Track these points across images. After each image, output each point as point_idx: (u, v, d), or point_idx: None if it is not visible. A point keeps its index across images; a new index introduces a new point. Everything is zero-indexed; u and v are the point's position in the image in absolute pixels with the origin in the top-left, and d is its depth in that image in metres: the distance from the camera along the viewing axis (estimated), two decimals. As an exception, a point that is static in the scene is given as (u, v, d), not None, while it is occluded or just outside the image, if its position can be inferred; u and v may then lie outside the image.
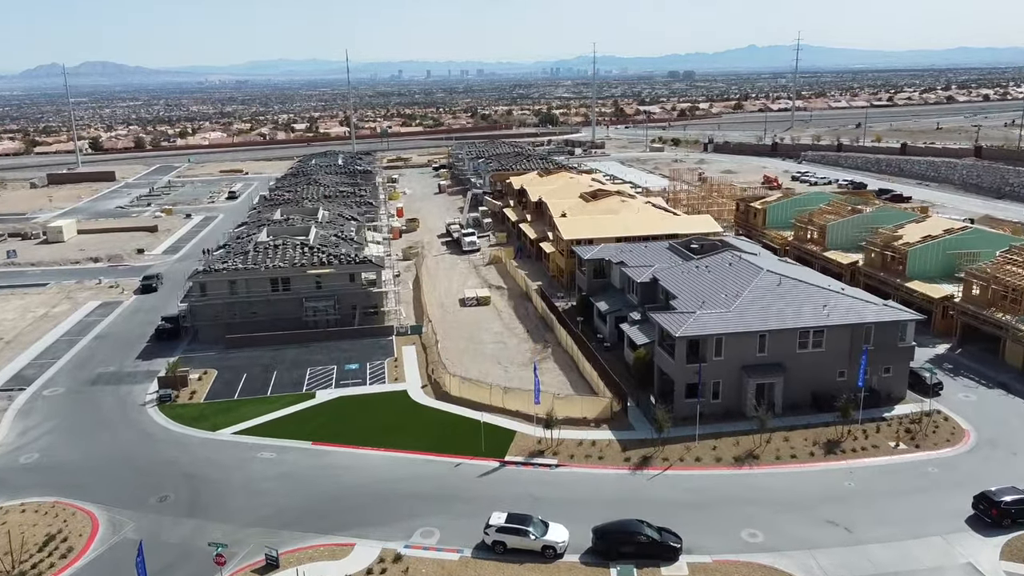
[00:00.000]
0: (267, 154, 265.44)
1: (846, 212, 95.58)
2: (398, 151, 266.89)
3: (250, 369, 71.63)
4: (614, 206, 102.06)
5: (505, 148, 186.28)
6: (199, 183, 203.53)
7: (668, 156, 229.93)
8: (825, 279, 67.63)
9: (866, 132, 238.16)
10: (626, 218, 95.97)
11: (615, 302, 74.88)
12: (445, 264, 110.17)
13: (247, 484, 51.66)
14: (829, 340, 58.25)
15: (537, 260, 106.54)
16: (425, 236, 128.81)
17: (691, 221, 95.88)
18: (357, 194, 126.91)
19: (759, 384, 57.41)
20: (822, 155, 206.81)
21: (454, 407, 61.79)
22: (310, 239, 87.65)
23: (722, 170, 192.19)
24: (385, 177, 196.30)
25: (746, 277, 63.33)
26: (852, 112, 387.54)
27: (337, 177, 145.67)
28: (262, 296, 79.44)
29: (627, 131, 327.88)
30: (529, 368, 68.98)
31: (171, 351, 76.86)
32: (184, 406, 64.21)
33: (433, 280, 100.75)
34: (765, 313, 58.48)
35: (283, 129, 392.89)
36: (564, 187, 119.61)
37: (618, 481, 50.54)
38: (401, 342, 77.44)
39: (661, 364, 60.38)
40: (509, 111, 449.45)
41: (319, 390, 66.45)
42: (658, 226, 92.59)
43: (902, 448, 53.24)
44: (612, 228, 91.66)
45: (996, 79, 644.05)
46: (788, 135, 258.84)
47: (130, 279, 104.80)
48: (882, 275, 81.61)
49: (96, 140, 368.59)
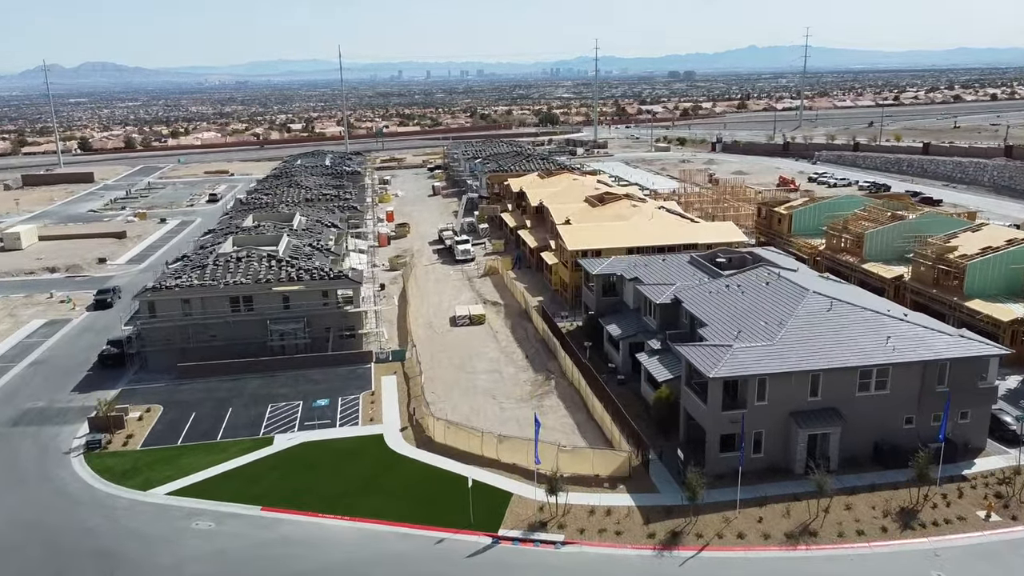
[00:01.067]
0: (258, 155, 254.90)
1: (885, 219, 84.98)
2: (393, 151, 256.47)
3: (201, 405, 61.05)
4: (623, 212, 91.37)
5: (504, 148, 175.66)
6: (181, 185, 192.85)
7: (675, 156, 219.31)
8: (881, 302, 56.91)
9: (882, 131, 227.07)
10: (638, 225, 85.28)
11: (629, 325, 64.28)
12: (436, 275, 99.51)
13: (175, 567, 41.09)
14: (895, 380, 47.67)
15: (538, 271, 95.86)
16: (416, 243, 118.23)
17: (712, 229, 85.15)
18: (341, 197, 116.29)
19: (811, 435, 46.87)
20: (838, 155, 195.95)
21: (438, 458, 51.19)
22: (280, 250, 77.05)
23: (733, 171, 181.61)
24: (377, 178, 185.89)
25: (789, 300, 52.74)
26: (859, 111, 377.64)
27: (322, 179, 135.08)
28: (220, 317, 68.75)
29: (629, 130, 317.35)
30: (529, 405, 58.44)
31: (114, 381, 66.31)
32: (116, 455, 53.62)
33: (422, 293, 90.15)
34: (816, 347, 47.91)
35: (279, 129, 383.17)
36: (567, 190, 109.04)
37: (641, 566, 39.93)
38: (381, 371, 66.84)
39: (689, 407, 49.82)
40: (509, 111, 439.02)
41: (279, 433, 55.90)
42: (675, 235, 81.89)
43: (995, 520, 42.64)
44: (622, 237, 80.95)
45: (998, 79, 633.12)
46: (799, 135, 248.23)
47: (87, 292, 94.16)
48: (934, 292, 70.99)
49: (85, 140, 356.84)
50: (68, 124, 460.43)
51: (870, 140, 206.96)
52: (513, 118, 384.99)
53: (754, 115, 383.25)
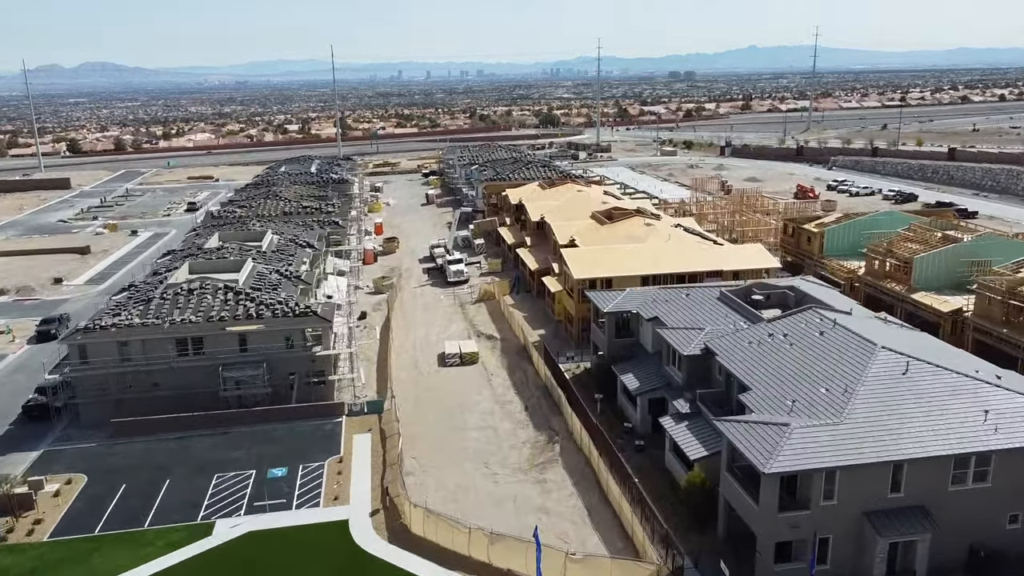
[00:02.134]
0: (249, 157, 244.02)
1: (936, 241, 74.52)
2: (388, 155, 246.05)
3: (135, 475, 50.60)
4: (636, 231, 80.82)
5: (502, 153, 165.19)
6: (161, 191, 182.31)
7: (682, 161, 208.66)
8: (966, 358, 46.24)
9: (900, 134, 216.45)
10: (654, 248, 74.70)
11: (648, 376, 53.83)
12: (425, 299, 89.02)
13: None
14: (999, 469, 37.27)
15: (539, 297, 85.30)
16: (405, 260, 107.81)
17: (739, 254, 74.50)
18: (323, 210, 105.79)
19: (893, 543, 36.47)
20: (855, 160, 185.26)
21: (414, 559, 40.77)
22: (240, 279, 66.56)
23: (745, 177, 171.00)
24: (368, 185, 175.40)
25: (854, 359, 42.22)
26: (865, 113, 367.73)
27: (305, 188, 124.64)
28: (165, 363, 58.31)
29: (631, 133, 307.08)
30: (528, 478, 48.07)
31: (36, 441, 55.94)
32: (15, 550, 43.12)
33: (408, 323, 79.67)
34: (897, 426, 37.46)
35: (275, 131, 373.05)
36: (571, 203, 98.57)
37: None
38: (353, 427, 56.44)
39: (732, 499, 39.39)
40: (508, 112, 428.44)
41: (222, 517, 45.44)
42: (697, 261, 71.32)
43: None
44: (637, 263, 70.41)
45: (1000, 79, 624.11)
46: (813, 138, 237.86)
47: (34, 319, 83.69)
48: (1004, 332, 60.54)
49: (74, 142, 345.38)
50: (66, 125, 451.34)
51: (889, 144, 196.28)
52: (513, 119, 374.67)
53: (759, 116, 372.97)
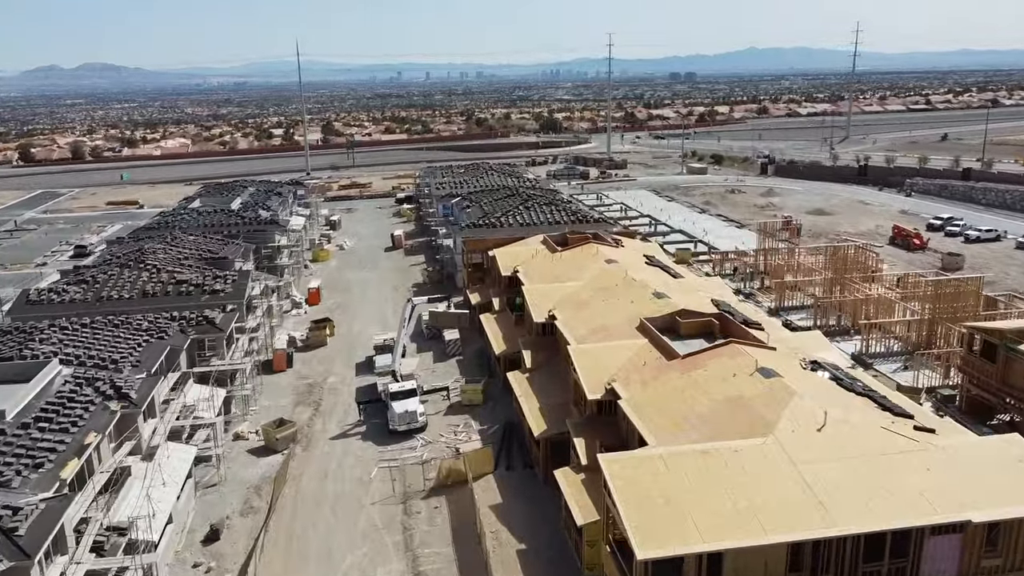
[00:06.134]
0: (209, 170, 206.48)
1: None
2: (365, 168, 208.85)
3: None
4: (746, 389, 40.80)
5: (495, 179, 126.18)
6: (62, 223, 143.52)
7: (717, 181, 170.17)
8: None
9: (985, 149, 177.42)
10: (798, 461, 35.85)
11: None
12: (343, 479, 49.89)
13: None
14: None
15: (546, 484, 46.75)
16: (336, 363, 69.59)
17: (961, 478, 35.50)
18: (205, 288, 66.71)
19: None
20: (941, 185, 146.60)
21: None
22: None
23: (807, 209, 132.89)
24: (325, 215, 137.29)
25: None
26: (891, 117, 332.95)
27: (205, 241, 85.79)
28: None
29: (643, 142, 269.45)
30: None
31: None
32: None
33: (296, 549, 41.27)
34: None
35: (259, 135, 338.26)
36: (596, 284, 60.17)
37: None
38: None
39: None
40: (507, 115, 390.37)
41: None
42: (896, 504, 32.51)
43: None
44: (767, 510, 31.82)
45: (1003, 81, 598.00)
46: (851, 149, 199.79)
47: None
48: None
49: (26, 150, 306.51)
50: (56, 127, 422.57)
51: (985, 166, 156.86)
52: (511, 124, 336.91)
53: (780, 121, 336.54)
